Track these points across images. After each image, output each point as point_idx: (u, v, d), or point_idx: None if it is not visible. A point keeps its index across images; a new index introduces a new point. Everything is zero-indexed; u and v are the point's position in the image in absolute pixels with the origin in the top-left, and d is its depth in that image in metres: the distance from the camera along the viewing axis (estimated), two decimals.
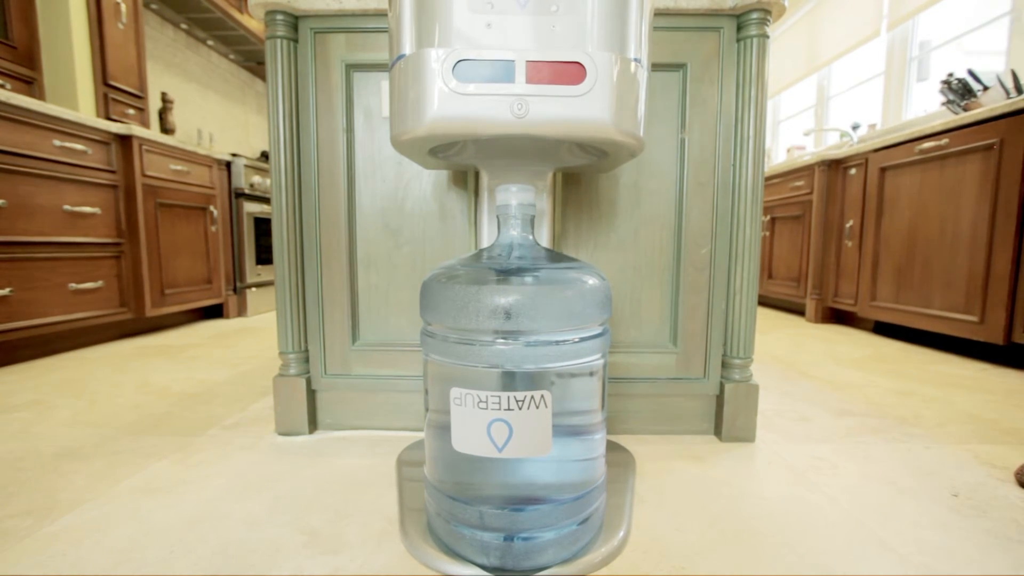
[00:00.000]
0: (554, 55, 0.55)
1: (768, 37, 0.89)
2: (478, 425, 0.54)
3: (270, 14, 0.90)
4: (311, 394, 1.01)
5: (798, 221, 2.56)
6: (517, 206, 0.60)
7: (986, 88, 1.89)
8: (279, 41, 0.91)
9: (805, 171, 2.48)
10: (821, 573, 0.60)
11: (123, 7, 2.24)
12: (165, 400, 1.23)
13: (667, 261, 0.98)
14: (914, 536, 0.67)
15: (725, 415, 0.97)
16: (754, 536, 0.67)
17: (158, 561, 0.61)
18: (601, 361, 0.60)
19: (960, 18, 2.32)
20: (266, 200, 2.68)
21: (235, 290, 2.54)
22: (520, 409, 0.54)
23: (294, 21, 0.92)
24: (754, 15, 0.88)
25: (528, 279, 0.55)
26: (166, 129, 2.66)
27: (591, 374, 0.59)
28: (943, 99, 2.04)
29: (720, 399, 0.99)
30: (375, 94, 0.95)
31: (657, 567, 0.60)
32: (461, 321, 0.55)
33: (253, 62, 3.40)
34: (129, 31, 2.29)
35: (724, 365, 0.98)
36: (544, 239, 0.82)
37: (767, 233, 2.86)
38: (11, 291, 1.49)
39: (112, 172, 1.85)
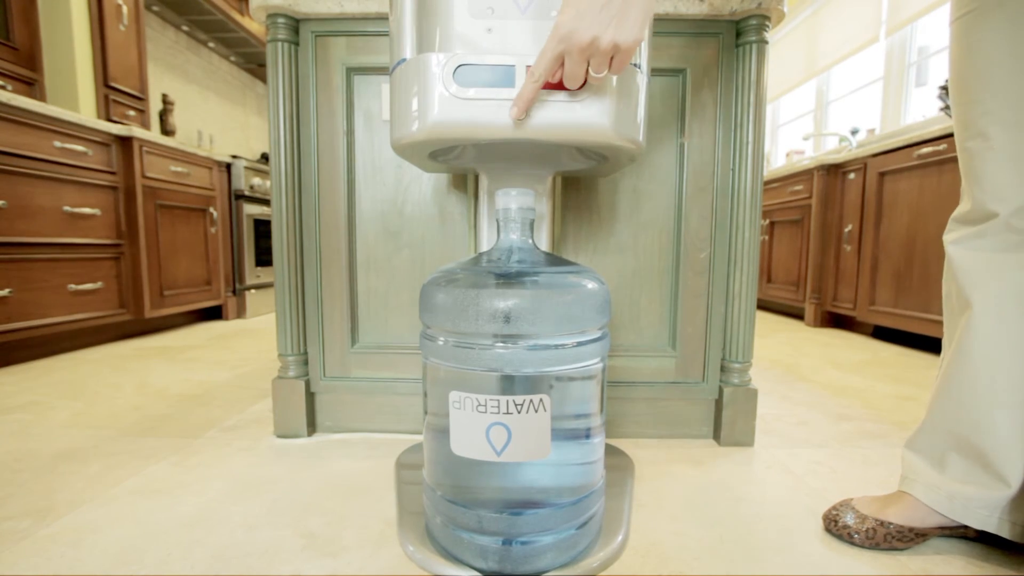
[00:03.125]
0: None
1: (767, 43, 0.89)
2: (477, 429, 0.54)
3: (271, 17, 0.91)
4: (310, 396, 1.01)
5: (797, 225, 2.56)
6: (517, 210, 0.60)
7: None
8: (280, 44, 0.91)
9: (804, 175, 2.49)
10: (818, 574, 0.60)
11: (124, 9, 2.25)
12: (164, 402, 1.22)
13: (666, 265, 0.99)
14: None
15: (724, 419, 0.97)
16: (752, 540, 0.67)
17: (156, 563, 0.61)
18: (600, 365, 0.60)
19: None
20: (266, 202, 2.68)
21: (234, 292, 2.54)
22: (519, 413, 0.54)
23: (295, 24, 0.92)
24: (753, 21, 0.89)
25: (527, 283, 0.55)
26: (167, 131, 2.66)
27: (590, 378, 0.59)
28: (941, 104, 2.05)
29: (719, 403, 0.99)
30: (376, 97, 0.96)
31: (656, 570, 0.60)
32: (460, 325, 0.55)
33: (254, 64, 3.41)
34: (130, 33, 2.30)
35: (723, 369, 0.98)
36: (544, 243, 0.82)
37: (766, 237, 2.86)
38: (10, 292, 1.49)
39: (112, 173, 1.85)
